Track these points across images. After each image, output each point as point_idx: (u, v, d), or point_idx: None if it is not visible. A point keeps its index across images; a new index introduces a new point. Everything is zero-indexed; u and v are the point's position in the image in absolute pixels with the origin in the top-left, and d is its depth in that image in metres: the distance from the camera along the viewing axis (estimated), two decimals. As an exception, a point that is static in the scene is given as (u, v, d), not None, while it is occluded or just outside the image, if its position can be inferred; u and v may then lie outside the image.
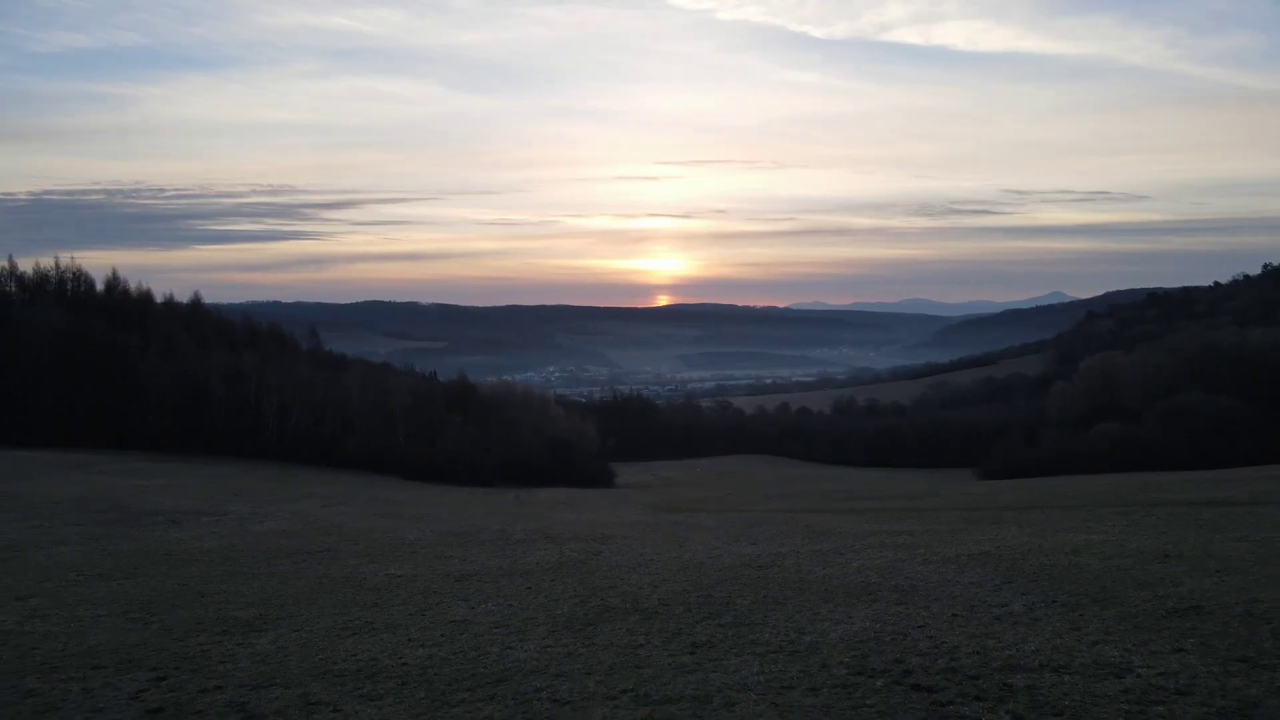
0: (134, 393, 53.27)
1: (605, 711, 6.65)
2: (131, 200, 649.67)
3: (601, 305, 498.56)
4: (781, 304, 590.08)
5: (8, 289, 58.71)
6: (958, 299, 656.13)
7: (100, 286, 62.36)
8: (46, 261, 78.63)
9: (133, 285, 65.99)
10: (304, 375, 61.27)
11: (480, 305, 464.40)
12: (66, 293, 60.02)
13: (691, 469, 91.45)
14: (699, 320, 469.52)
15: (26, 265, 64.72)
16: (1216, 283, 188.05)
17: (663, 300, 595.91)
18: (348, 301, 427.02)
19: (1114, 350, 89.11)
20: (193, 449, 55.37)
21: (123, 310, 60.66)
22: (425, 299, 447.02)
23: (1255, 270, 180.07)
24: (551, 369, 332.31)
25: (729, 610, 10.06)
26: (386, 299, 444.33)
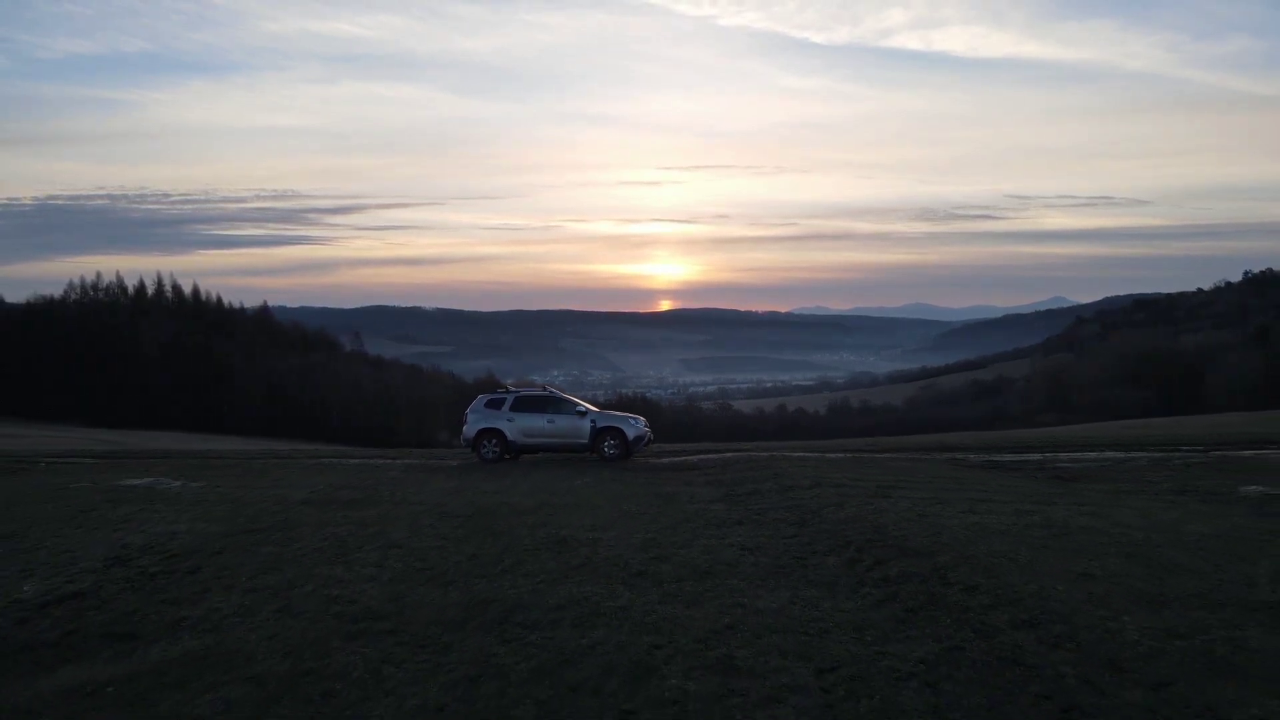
0: (226, 387, 63.77)
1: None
2: (136, 205, 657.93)
3: (604, 310, 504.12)
4: (783, 309, 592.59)
5: (118, 299, 69.22)
6: (959, 303, 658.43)
7: (188, 295, 73.25)
8: (148, 269, 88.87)
9: (210, 294, 76.91)
10: (359, 373, 71.76)
11: (484, 310, 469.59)
12: (163, 301, 70.59)
13: None
14: (701, 325, 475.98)
15: (109, 274, 75.06)
16: (1200, 289, 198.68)
17: (665, 305, 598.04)
18: (352, 306, 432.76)
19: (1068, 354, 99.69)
20: (268, 435, 65.84)
21: (205, 316, 71.24)
22: (429, 303, 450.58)
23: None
24: (555, 373, 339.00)
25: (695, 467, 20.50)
26: (390, 303, 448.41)
